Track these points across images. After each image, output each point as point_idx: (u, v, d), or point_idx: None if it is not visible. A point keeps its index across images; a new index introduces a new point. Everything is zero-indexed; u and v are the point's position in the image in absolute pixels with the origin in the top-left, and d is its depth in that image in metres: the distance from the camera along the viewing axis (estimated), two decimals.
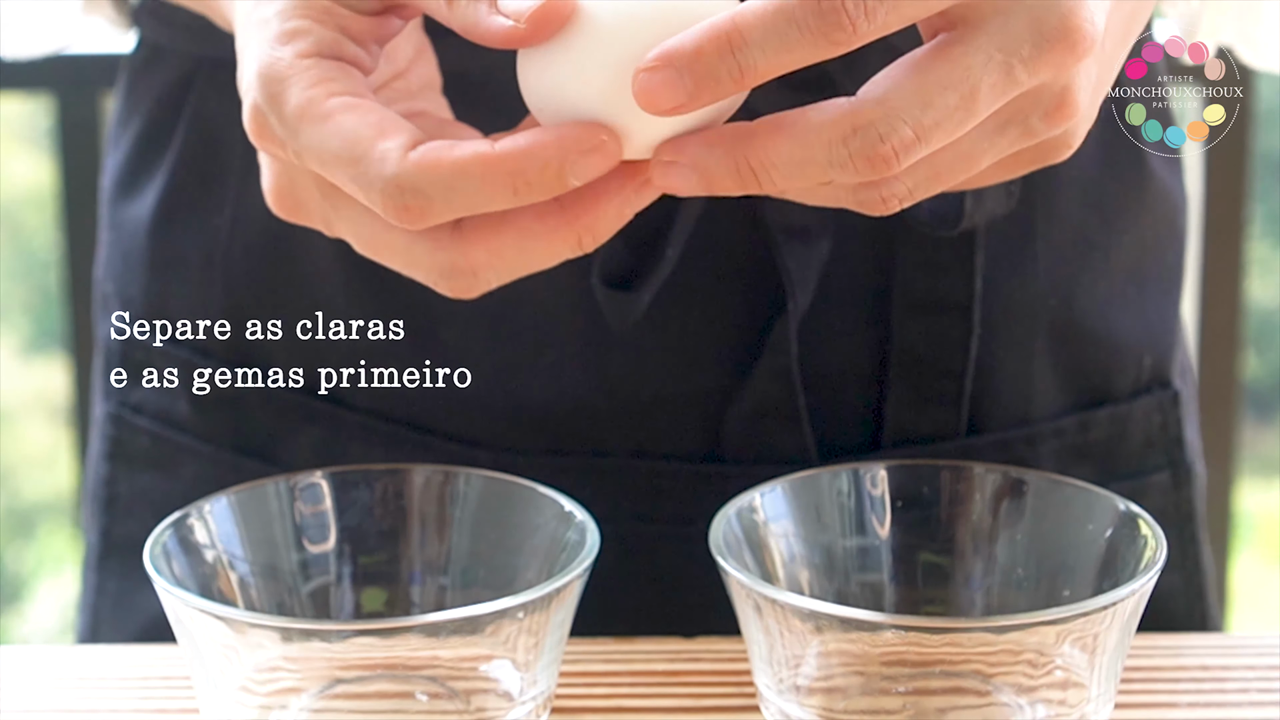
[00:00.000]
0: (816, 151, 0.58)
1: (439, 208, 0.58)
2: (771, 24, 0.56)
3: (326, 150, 0.59)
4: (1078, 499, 0.69)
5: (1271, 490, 2.18)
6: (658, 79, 0.57)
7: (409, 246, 0.61)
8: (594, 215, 0.60)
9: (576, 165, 0.58)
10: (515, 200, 0.58)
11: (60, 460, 2.05)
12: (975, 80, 0.58)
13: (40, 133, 1.97)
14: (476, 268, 0.61)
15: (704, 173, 0.59)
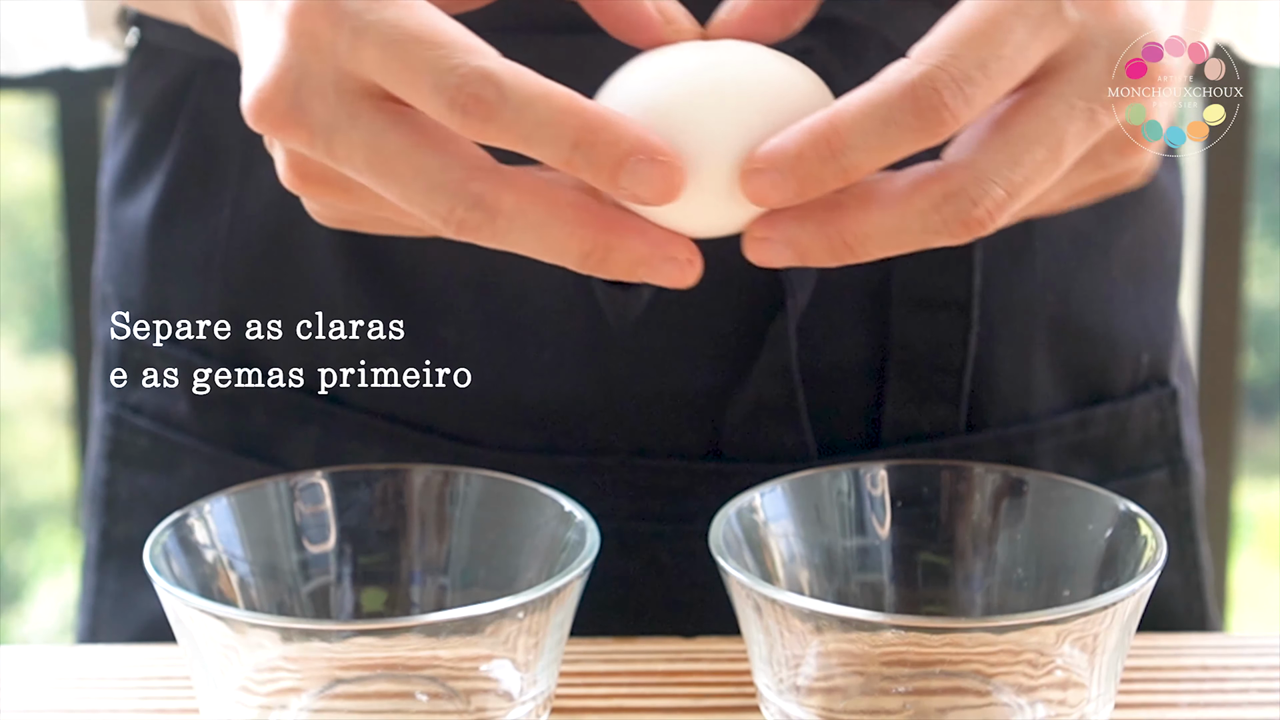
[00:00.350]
0: (910, 221, 0.58)
1: (507, 118, 0.56)
2: (870, 125, 0.57)
3: (407, 28, 0.57)
4: (1078, 499, 0.69)
5: (1271, 490, 2.18)
6: (765, 181, 0.58)
7: (438, 167, 0.58)
8: (620, 240, 0.58)
9: (638, 166, 0.57)
10: (570, 155, 0.57)
11: (60, 460, 2.05)
12: (1061, 131, 0.58)
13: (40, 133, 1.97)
14: (498, 211, 0.58)
15: (797, 248, 0.59)
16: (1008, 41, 0.57)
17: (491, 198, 0.58)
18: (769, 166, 0.58)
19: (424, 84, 0.57)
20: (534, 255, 0.59)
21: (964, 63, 0.57)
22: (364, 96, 0.58)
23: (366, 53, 0.57)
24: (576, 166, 0.57)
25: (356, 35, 0.57)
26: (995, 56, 0.57)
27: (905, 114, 0.57)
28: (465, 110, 0.56)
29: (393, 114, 0.58)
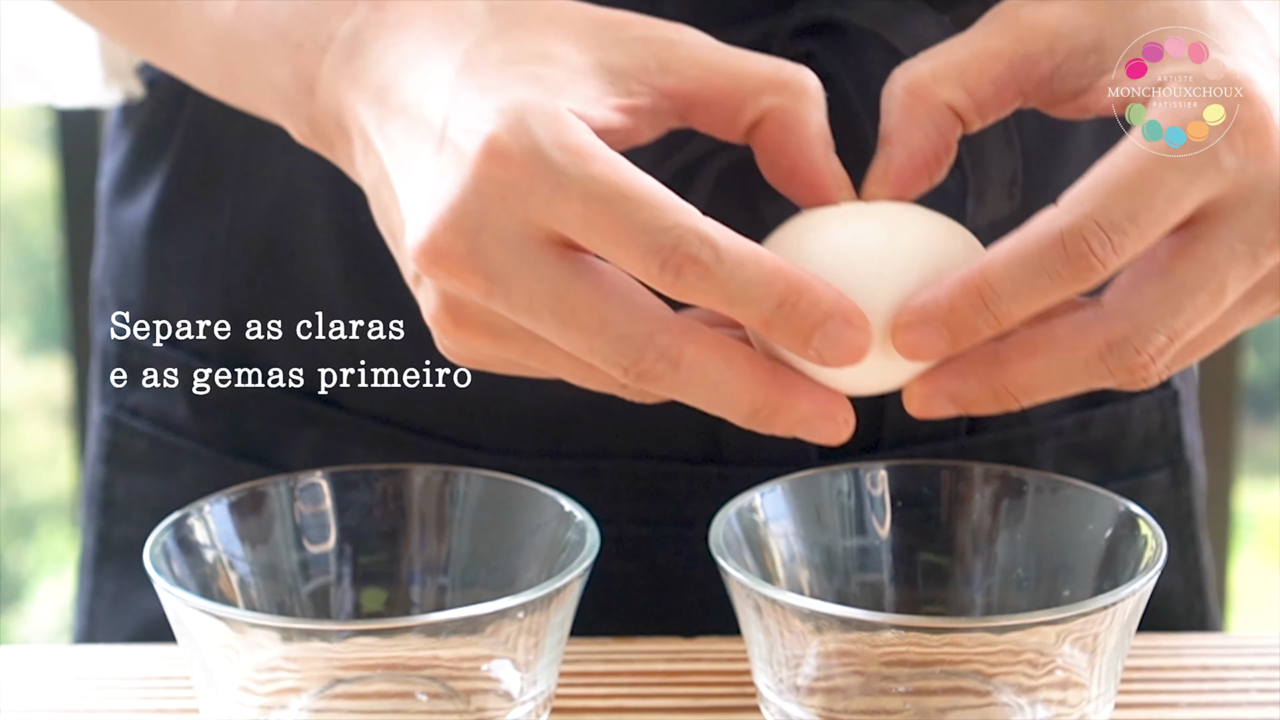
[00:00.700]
0: (1075, 369, 0.59)
1: (720, 279, 0.57)
2: (1020, 275, 0.58)
3: (615, 185, 0.56)
4: (1078, 499, 0.69)
5: (1271, 490, 2.17)
6: (917, 336, 0.59)
7: (625, 319, 0.58)
8: (789, 400, 0.59)
9: (832, 329, 0.58)
10: (774, 315, 0.57)
11: (60, 460, 2.05)
12: (1222, 276, 0.59)
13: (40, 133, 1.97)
14: (680, 363, 0.58)
15: (961, 400, 0.61)
16: (1159, 192, 0.58)
17: (675, 350, 0.58)
18: (921, 320, 0.59)
19: (635, 244, 0.57)
20: (700, 406, 0.59)
21: (1113, 213, 0.57)
22: (546, 245, 0.58)
23: (569, 208, 0.57)
24: (774, 326, 0.58)
25: (558, 190, 0.57)
26: (1146, 207, 0.58)
27: (1055, 263, 0.57)
28: (679, 271, 0.57)
29: (575, 262, 0.58)
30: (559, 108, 0.58)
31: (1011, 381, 0.60)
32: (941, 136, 0.63)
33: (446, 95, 0.60)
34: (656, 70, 0.62)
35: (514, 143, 0.57)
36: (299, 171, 0.78)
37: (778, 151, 0.63)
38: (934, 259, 0.61)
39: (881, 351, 0.60)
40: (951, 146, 0.64)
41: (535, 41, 0.61)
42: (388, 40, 0.63)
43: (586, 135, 0.58)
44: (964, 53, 0.63)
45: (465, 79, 0.60)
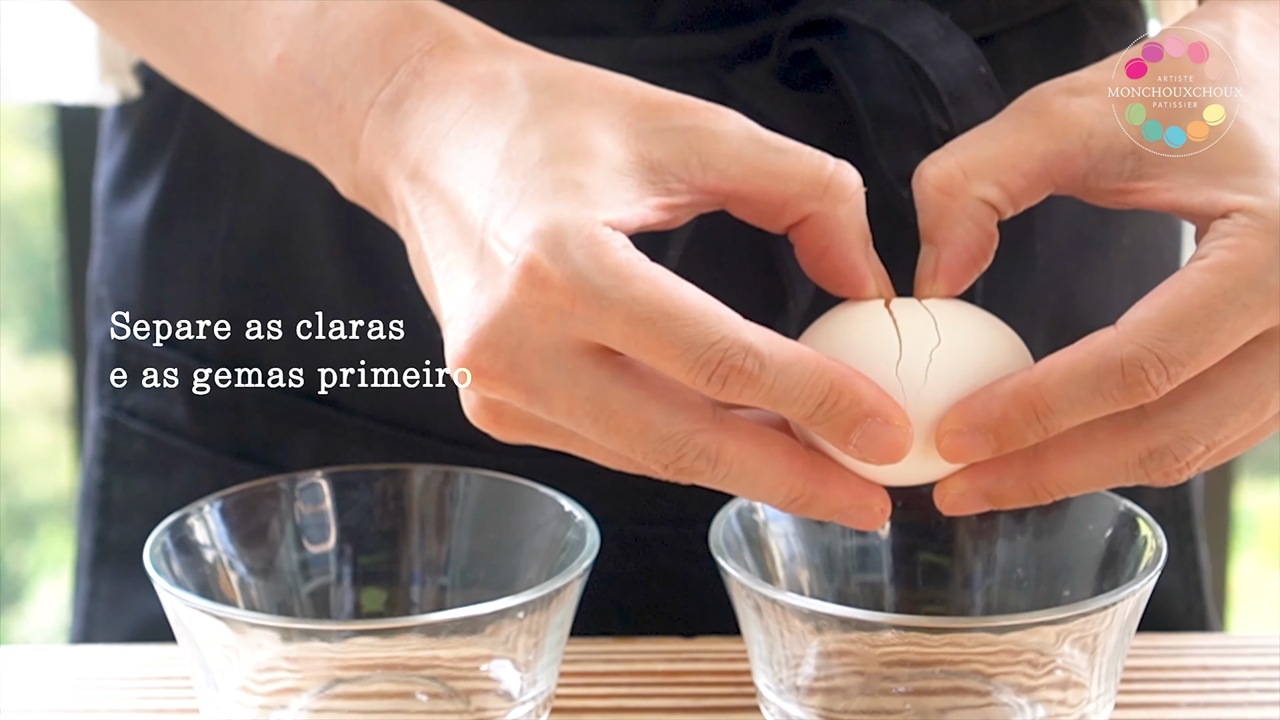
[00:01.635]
0: (1112, 471, 0.61)
1: (766, 384, 0.57)
2: (1075, 394, 0.59)
3: (658, 304, 0.57)
4: (1078, 499, 0.69)
5: (1271, 490, 2.17)
6: (965, 442, 0.60)
7: (665, 420, 0.59)
8: (826, 491, 0.60)
9: (872, 427, 0.58)
10: (816, 412, 0.58)
11: (60, 460, 2.04)
12: (1266, 395, 0.60)
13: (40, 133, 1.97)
14: (720, 460, 0.59)
15: (995, 497, 0.62)
16: (1223, 328, 0.59)
17: (714, 448, 0.59)
18: (970, 428, 0.60)
19: (681, 360, 0.57)
20: (740, 495, 0.61)
21: (1174, 347, 0.58)
22: (585, 354, 0.59)
23: (611, 327, 0.57)
24: (816, 423, 0.59)
25: (601, 312, 0.57)
26: (1207, 343, 0.59)
27: (1111, 387, 0.59)
28: (725, 381, 0.57)
29: (614, 367, 0.59)
30: (596, 226, 0.58)
31: (1049, 480, 0.61)
32: (981, 229, 0.64)
33: (488, 198, 0.60)
34: (698, 167, 0.62)
35: (553, 268, 0.58)
36: (298, 172, 0.78)
37: (819, 253, 0.63)
38: (980, 359, 0.61)
39: (922, 447, 0.61)
40: (993, 235, 0.64)
41: (575, 132, 0.61)
42: (427, 111, 0.64)
43: (625, 254, 0.58)
44: (995, 148, 0.63)
45: (505, 179, 0.60)
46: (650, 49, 0.74)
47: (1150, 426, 0.60)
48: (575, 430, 0.60)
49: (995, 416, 0.59)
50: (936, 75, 0.71)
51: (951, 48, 0.72)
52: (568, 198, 0.59)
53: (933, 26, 0.72)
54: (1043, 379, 0.59)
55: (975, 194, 0.63)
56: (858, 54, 0.73)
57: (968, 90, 0.71)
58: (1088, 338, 0.60)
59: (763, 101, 0.74)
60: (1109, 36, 0.80)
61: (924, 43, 0.71)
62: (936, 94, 0.71)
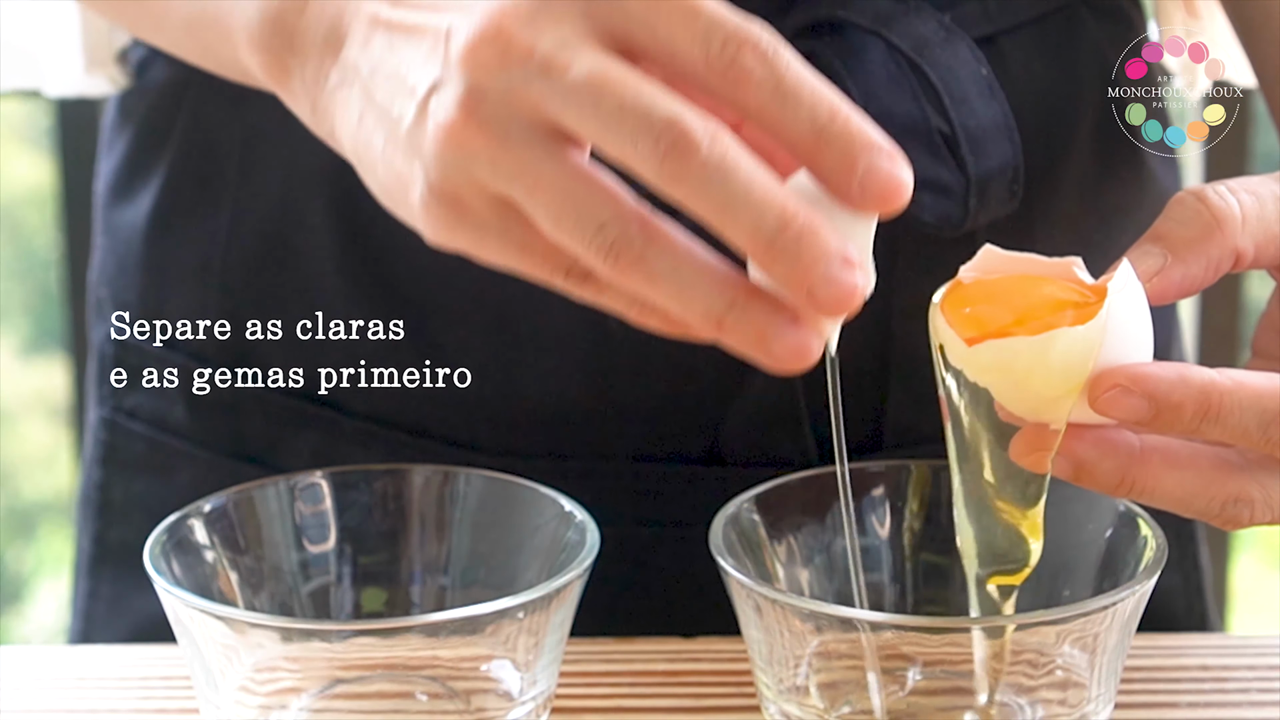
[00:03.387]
0: (1195, 499, 0.61)
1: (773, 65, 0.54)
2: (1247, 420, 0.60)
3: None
4: (1078, 499, 0.69)
5: None
6: (1130, 402, 0.60)
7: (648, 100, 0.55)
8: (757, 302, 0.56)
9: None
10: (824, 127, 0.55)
11: (60, 460, 2.05)
12: None
13: (40, 133, 1.97)
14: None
15: (1084, 470, 0.61)
16: None
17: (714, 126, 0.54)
18: (1144, 393, 0.59)
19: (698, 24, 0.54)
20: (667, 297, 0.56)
21: None
22: (598, 41, 0.56)
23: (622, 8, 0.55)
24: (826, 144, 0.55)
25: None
26: None
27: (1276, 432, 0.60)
28: (738, 50, 0.54)
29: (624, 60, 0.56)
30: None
31: (1142, 480, 0.61)
32: (1215, 273, 0.63)
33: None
34: None
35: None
36: (298, 172, 0.78)
37: None
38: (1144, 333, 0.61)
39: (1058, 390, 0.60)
40: (1214, 280, 0.64)
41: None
42: None
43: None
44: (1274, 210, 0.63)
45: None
46: None
47: (1248, 478, 0.61)
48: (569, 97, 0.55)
49: (1173, 398, 0.59)
50: (938, 77, 0.71)
51: (952, 49, 0.72)
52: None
53: (933, 28, 0.72)
54: (1231, 391, 0.59)
55: (1238, 245, 0.63)
56: (858, 56, 0.73)
57: (969, 92, 0.72)
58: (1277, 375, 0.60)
59: None
60: (1108, 37, 0.80)
61: (925, 44, 0.71)
62: (938, 96, 0.71)
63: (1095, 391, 0.60)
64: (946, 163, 0.73)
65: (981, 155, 0.72)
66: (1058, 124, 0.79)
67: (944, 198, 0.73)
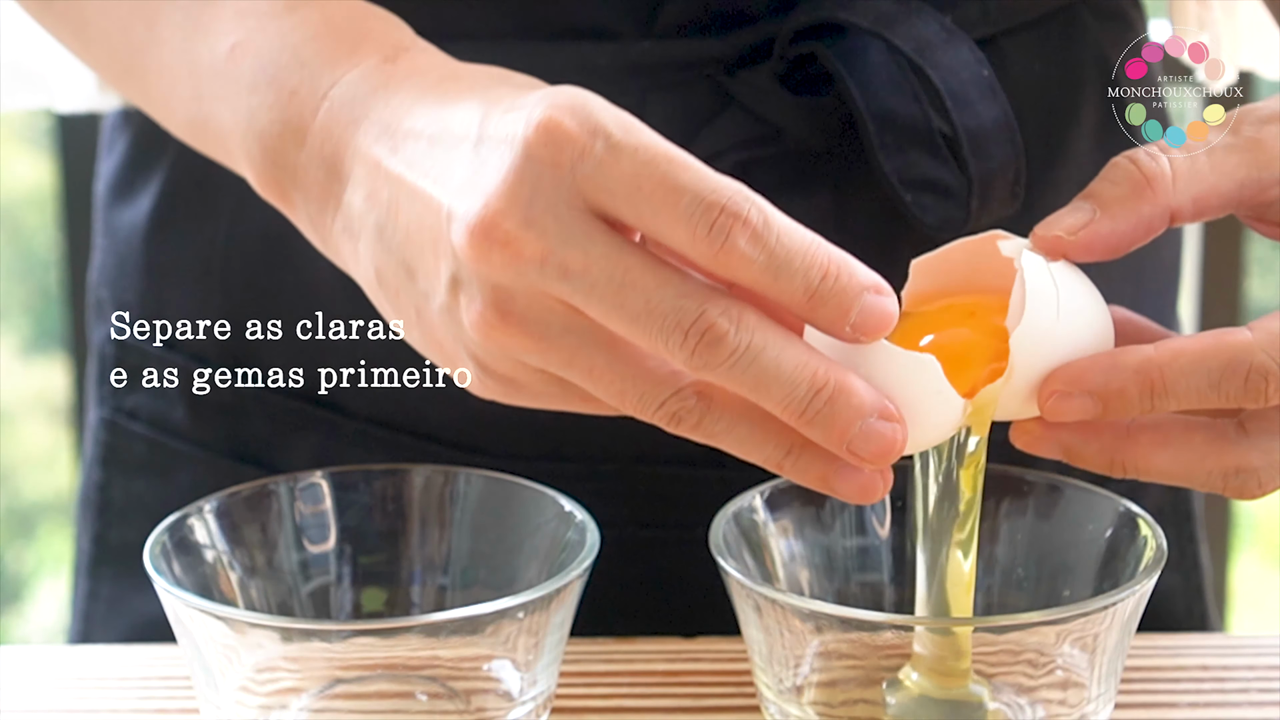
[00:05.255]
0: (1194, 474, 0.62)
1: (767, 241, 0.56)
2: (1195, 384, 0.60)
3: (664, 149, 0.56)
4: (1078, 499, 0.69)
5: None
6: (1072, 404, 0.61)
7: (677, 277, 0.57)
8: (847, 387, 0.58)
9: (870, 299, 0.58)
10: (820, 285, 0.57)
11: (60, 460, 2.04)
12: None
13: (40, 133, 1.97)
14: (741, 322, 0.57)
15: (1071, 453, 0.63)
16: None
17: (736, 310, 0.57)
18: (1083, 391, 0.60)
19: (684, 204, 0.56)
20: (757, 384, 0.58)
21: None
22: (595, 217, 0.57)
23: (619, 169, 0.57)
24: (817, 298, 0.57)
25: (610, 152, 0.57)
26: None
27: (1232, 387, 0.60)
28: (727, 233, 0.56)
29: (626, 236, 0.58)
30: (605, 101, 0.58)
31: (1132, 459, 0.62)
32: (1147, 231, 0.64)
33: (478, 112, 0.60)
34: None
35: (571, 120, 0.57)
36: None
37: None
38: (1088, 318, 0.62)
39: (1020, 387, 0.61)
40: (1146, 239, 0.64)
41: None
42: (397, 87, 0.64)
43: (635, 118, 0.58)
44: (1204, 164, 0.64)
45: (499, 90, 0.60)
46: (651, 53, 0.74)
47: (1247, 447, 0.61)
48: (588, 299, 0.57)
49: (1113, 387, 0.60)
50: (939, 78, 0.71)
51: (954, 50, 0.72)
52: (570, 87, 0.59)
53: (935, 29, 0.72)
54: (1170, 362, 0.60)
55: (1173, 203, 0.63)
56: (859, 57, 0.73)
57: (970, 93, 0.72)
58: (1216, 332, 0.61)
59: (764, 106, 0.74)
60: (1108, 38, 0.80)
61: (926, 45, 0.71)
62: (939, 97, 0.71)
63: (1040, 402, 0.61)
64: (948, 164, 0.73)
65: (983, 156, 0.72)
66: (1059, 124, 0.79)
67: (946, 199, 0.73)
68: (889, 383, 0.60)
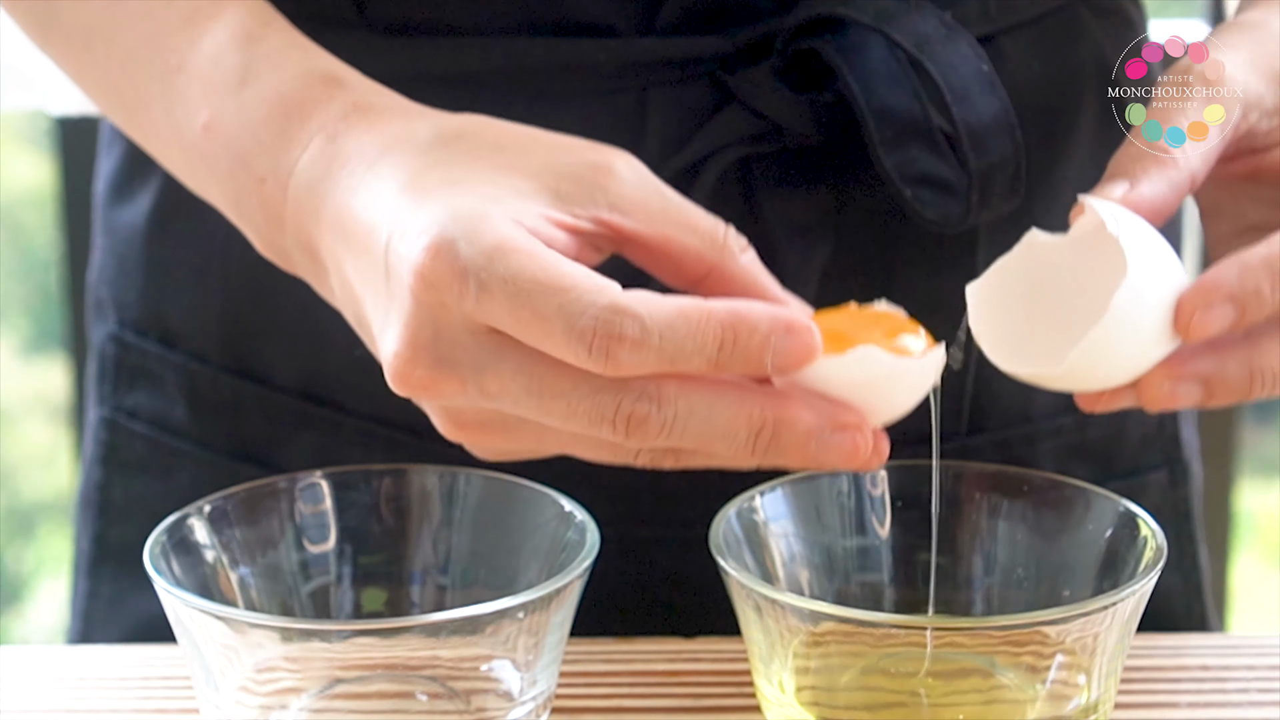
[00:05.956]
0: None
1: (651, 344, 0.57)
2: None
3: (531, 276, 0.58)
4: (1078, 499, 0.69)
5: (1271, 490, 2.17)
6: (1215, 314, 0.62)
7: (589, 394, 0.59)
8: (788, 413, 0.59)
9: (779, 341, 0.58)
10: (720, 356, 0.58)
11: (60, 460, 2.05)
12: None
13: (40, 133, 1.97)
14: (663, 398, 0.58)
15: (1215, 384, 0.63)
16: None
17: (653, 389, 0.58)
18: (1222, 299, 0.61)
19: (560, 334, 0.57)
20: (699, 444, 0.59)
21: None
22: (498, 335, 0.59)
23: (493, 305, 0.58)
24: (724, 365, 0.58)
25: (481, 289, 0.58)
26: None
27: None
28: (607, 352, 0.57)
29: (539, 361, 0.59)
30: (488, 210, 0.59)
31: (1268, 363, 0.62)
32: (1177, 196, 0.65)
33: (388, 217, 0.62)
34: (604, 203, 0.63)
35: (438, 264, 0.59)
36: None
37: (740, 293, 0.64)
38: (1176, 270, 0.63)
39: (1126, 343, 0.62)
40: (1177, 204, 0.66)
41: (482, 169, 0.62)
42: (341, 169, 0.65)
43: (507, 230, 0.59)
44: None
45: (406, 197, 0.62)
46: (651, 50, 0.74)
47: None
48: (517, 410, 0.60)
49: (1249, 286, 0.61)
50: (939, 73, 0.71)
51: (954, 46, 0.72)
52: (464, 194, 0.60)
53: (935, 25, 0.72)
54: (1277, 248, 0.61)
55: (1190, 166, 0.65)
56: (860, 53, 0.73)
57: (970, 88, 0.72)
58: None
59: (764, 102, 0.74)
60: (1108, 36, 0.80)
61: (926, 41, 0.71)
62: (939, 92, 0.71)
63: (1178, 325, 0.61)
64: (948, 159, 0.73)
65: (983, 151, 0.72)
66: (1058, 122, 0.79)
67: (946, 194, 0.73)
68: (843, 387, 0.60)
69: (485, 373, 0.59)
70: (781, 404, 0.59)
